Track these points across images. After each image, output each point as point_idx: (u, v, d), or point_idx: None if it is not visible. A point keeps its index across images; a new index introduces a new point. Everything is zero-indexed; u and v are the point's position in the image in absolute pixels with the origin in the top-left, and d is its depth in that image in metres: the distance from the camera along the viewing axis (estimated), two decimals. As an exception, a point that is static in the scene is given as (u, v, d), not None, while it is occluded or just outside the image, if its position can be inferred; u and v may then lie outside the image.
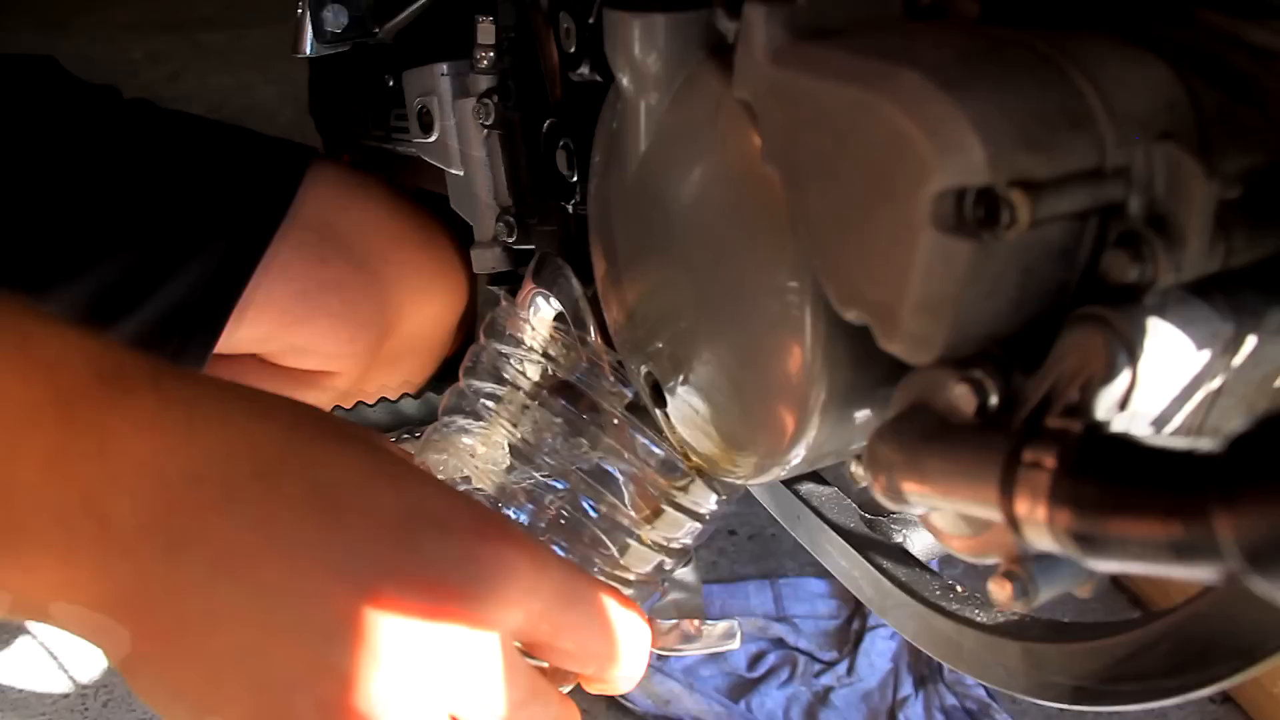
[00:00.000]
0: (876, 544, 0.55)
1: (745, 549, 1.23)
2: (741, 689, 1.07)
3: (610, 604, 0.45)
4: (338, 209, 0.84)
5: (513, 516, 0.55)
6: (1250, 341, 0.38)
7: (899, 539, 0.55)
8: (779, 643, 1.12)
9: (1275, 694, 1.04)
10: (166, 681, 0.39)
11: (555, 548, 0.54)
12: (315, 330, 0.83)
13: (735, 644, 0.52)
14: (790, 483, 0.59)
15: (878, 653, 1.11)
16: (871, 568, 0.54)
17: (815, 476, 0.59)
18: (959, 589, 0.52)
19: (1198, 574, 0.31)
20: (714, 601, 1.14)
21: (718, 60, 0.44)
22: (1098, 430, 0.34)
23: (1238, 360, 0.38)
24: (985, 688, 1.09)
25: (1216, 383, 0.38)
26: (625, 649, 0.45)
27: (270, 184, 0.81)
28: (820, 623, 1.14)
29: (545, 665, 0.45)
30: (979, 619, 0.49)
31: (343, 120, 0.90)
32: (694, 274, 0.47)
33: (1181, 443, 0.34)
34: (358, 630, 0.38)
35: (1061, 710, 0.46)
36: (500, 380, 0.58)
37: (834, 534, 0.56)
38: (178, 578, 0.38)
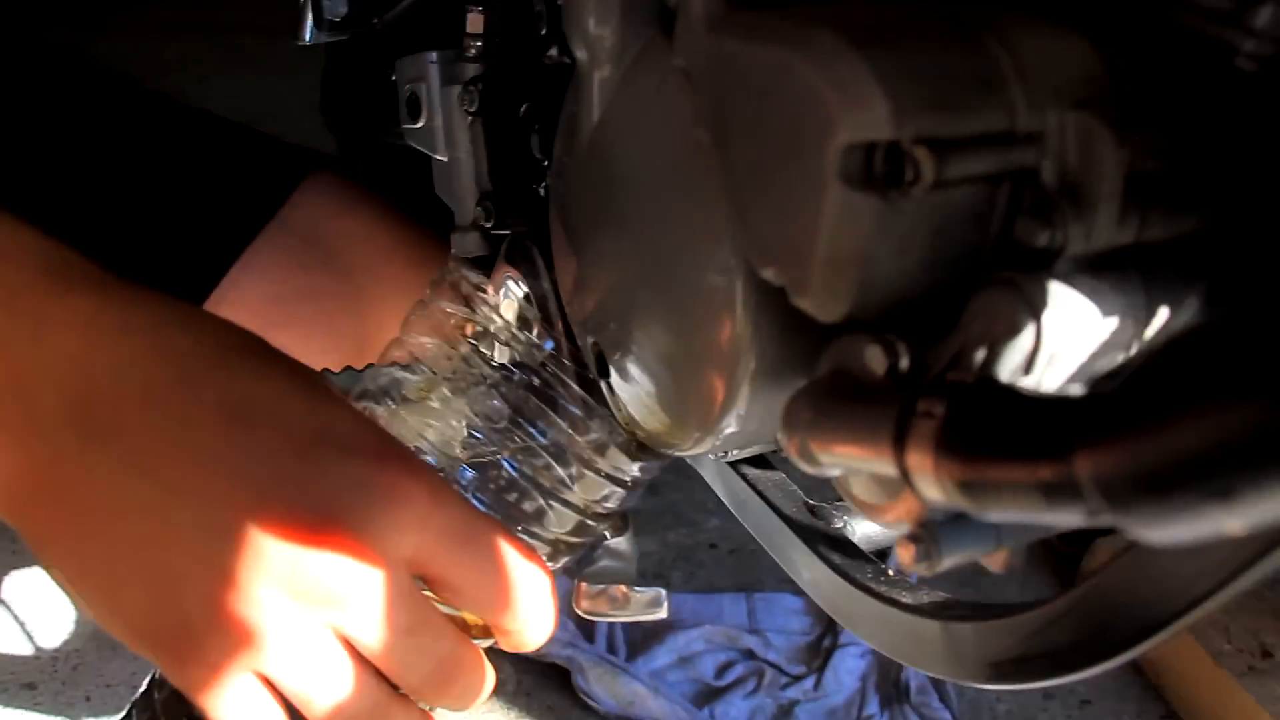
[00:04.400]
0: (817, 530, 0.55)
1: (725, 563, 1.23)
2: (707, 696, 1.07)
3: (509, 550, 0.45)
4: (328, 218, 0.84)
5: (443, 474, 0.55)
6: (1162, 315, 0.38)
7: (839, 525, 0.55)
8: (748, 654, 1.12)
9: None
10: (72, 562, 0.41)
11: (475, 501, 0.54)
12: (288, 338, 0.84)
13: (662, 613, 0.52)
14: (738, 466, 0.59)
15: (846, 670, 1.10)
16: (810, 551, 0.54)
17: (763, 461, 0.60)
18: (890, 573, 0.52)
19: (1066, 518, 0.31)
20: (687, 612, 1.14)
21: (666, 34, 0.45)
22: (990, 383, 0.35)
23: (1149, 334, 0.38)
24: (950, 710, 1.08)
25: (1123, 356, 0.38)
26: (524, 596, 0.45)
27: (261, 184, 0.82)
28: (791, 637, 1.14)
29: (456, 614, 0.46)
30: (904, 600, 0.49)
31: (355, 116, 0.92)
32: (637, 246, 0.48)
33: (1063, 393, 0.35)
34: (250, 536, 0.39)
35: None
36: (446, 347, 0.59)
37: (777, 518, 0.56)
38: (91, 466, 0.40)
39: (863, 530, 0.55)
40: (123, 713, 0.56)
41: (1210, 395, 0.26)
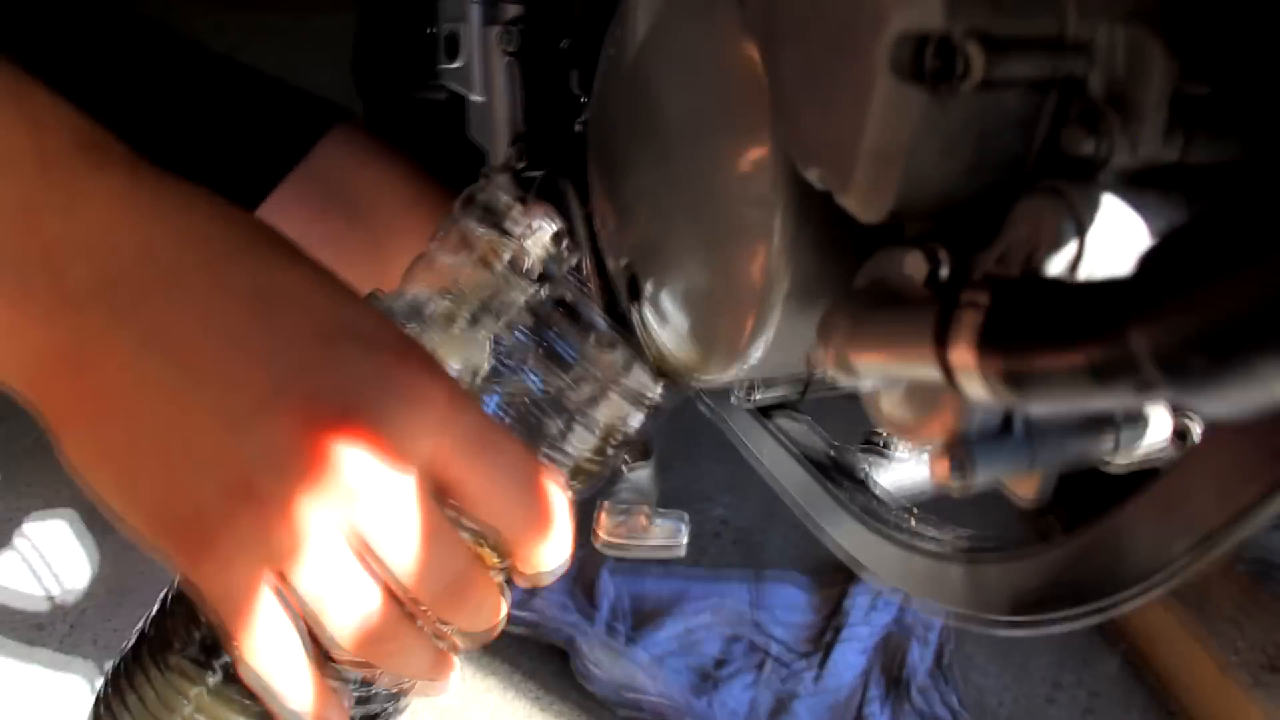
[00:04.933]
0: (840, 477, 0.55)
1: (730, 547, 1.23)
2: (706, 685, 1.07)
3: (529, 461, 0.44)
4: (350, 168, 0.84)
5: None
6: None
7: (862, 473, 0.55)
8: (750, 642, 1.11)
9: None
10: (90, 444, 0.40)
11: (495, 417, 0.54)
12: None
13: (681, 548, 0.52)
14: (762, 413, 0.59)
15: (847, 664, 1.10)
16: (832, 499, 0.54)
17: (785, 411, 0.59)
18: (913, 520, 0.52)
19: (1118, 399, 0.31)
20: (692, 592, 1.14)
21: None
22: (1033, 276, 0.35)
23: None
24: (950, 706, 1.08)
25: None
26: (542, 510, 0.44)
27: (287, 130, 0.82)
28: (795, 625, 1.13)
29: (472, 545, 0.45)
30: (927, 547, 0.49)
31: (387, 72, 0.93)
32: (676, 169, 0.48)
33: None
34: (267, 424, 0.39)
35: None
36: (485, 267, 0.58)
37: (798, 466, 0.56)
38: (114, 342, 0.39)
39: (886, 478, 0.55)
40: (130, 640, 0.55)
41: (1255, 257, 0.26)
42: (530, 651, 1.13)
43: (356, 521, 0.41)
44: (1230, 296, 0.27)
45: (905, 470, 0.55)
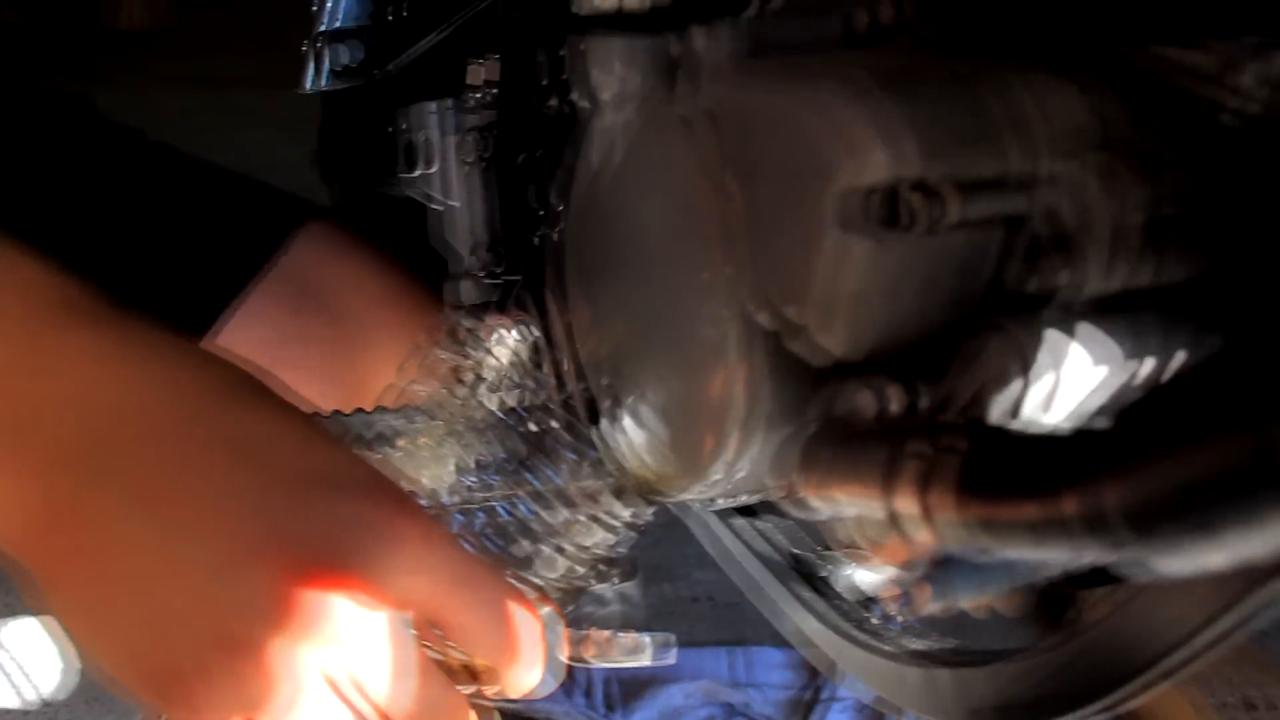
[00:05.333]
0: (802, 579, 0.56)
1: (710, 617, 1.23)
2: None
3: (501, 592, 0.45)
4: (322, 265, 0.84)
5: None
6: (1151, 362, 0.38)
7: (824, 573, 0.55)
8: (733, 710, 1.10)
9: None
10: (69, 599, 0.41)
11: (465, 546, 0.54)
12: (282, 383, 0.84)
13: (670, 655, 0.52)
14: (724, 515, 0.59)
15: (833, 727, 1.10)
16: (795, 599, 0.54)
17: (748, 511, 0.60)
18: (874, 620, 0.52)
19: (1062, 555, 0.31)
20: (672, 666, 1.13)
21: (670, 83, 0.46)
22: (976, 425, 0.35)
23: (1140, 378, 0.39)
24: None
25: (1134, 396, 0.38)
26: (514, 639, 0.45)
27: (257, 230, 0.83)
28: (777, 693, 1.13)
29: (443, 660, 0.46)
30: (886, 648, 0.50)
31: (352, 166, 0.93)
32: (634, 293, 0.49)
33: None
34: (246, 575, 0.40)
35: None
36: (444, 393, 0.59)
37: (762, 566, 0.56)
38: (97, 501, 0.40)
39: (846, 579, 0.55)
40: None
41: (1191, 433, 0.27)
42: (510, 724, 1.12)
43: (337, 664, 0.41)
44: (1161, 470, 0.27)
45: (867, 572, 0.55)
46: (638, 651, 0.52)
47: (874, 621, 0.53)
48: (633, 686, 1.12)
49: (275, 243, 0.82)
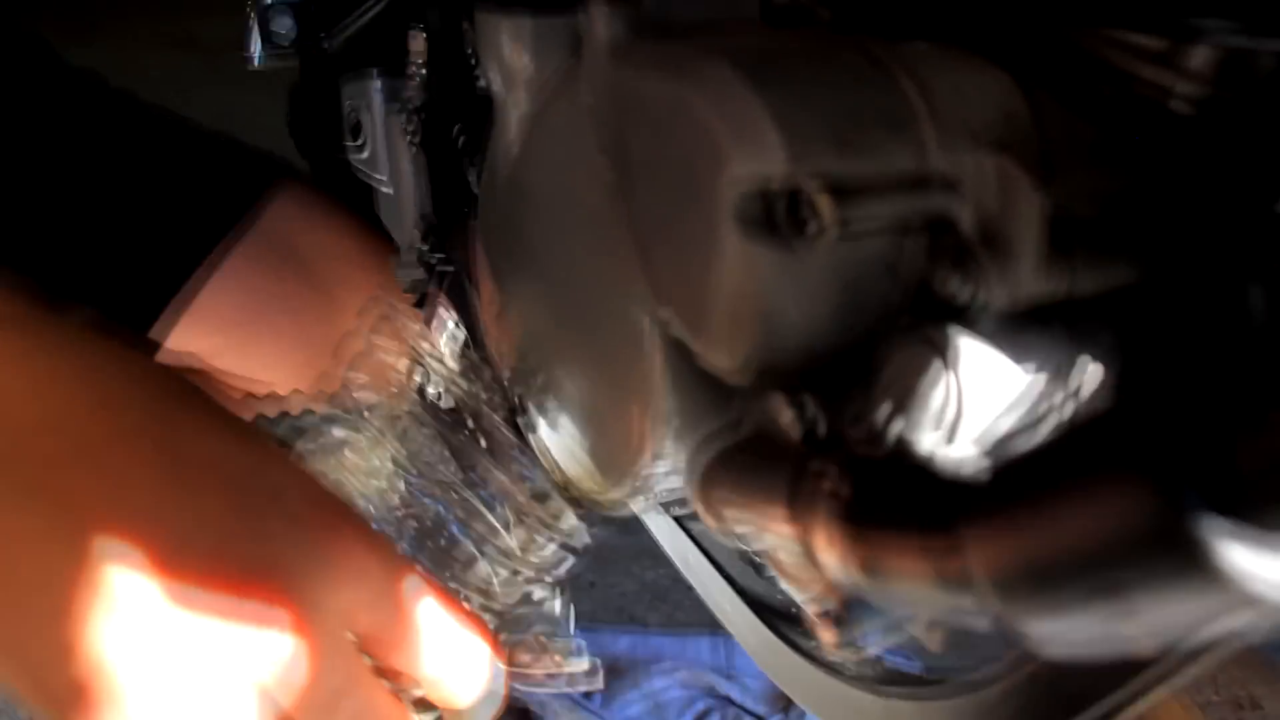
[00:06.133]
0: (758, 589, 0.53)
1: (690, 600, 1.21)
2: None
3: (445, 607, 0.44)
4: (300, 228, 0.82)
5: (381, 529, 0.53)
6: (1091, 371, 0.35)
7: (779, 594, 0.52)
8: (722, 699, 1.09)
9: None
10: None
11: (407, 548, 0.52)
12: (266, 351, 0.82)
13: (593, 670, 0.50)
14: (681, 519, 0.56)
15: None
16: (749, 610, 0.51)
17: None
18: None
19: (962, 606, 0.28)
20: (661, 653, 1.12)
21: (577, 64, 0.43)
22: (879, 446, 0.32)
23: (1073, 386, 0.35)
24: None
25: (1047, 407, 0.35)
26: (460, 653, 0.44)
27: (229, 189, 0.80)
28: (765, 681, 1.11)
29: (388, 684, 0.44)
30: (846, 670, 0.47)
31: (318, 137, 0.90)
32: (552, 285, 0.46)
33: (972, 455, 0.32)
34: (180, 597, 0.37)
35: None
36: (384, 389, 0.56)
37: (718, 575, 0.54)
38: (16, 527, 0.37)
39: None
40: None
41: (1085, 483, 0.23)
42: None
43: (273, 685, 0.39)
44: (1053, 521, 0.24)
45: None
46: (578, 654, 0.50)
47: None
48: (623, 674, 1.11)
49: (250, 200, 0.80)
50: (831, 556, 0.32)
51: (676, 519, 0.57)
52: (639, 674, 1.10)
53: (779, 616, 0.51)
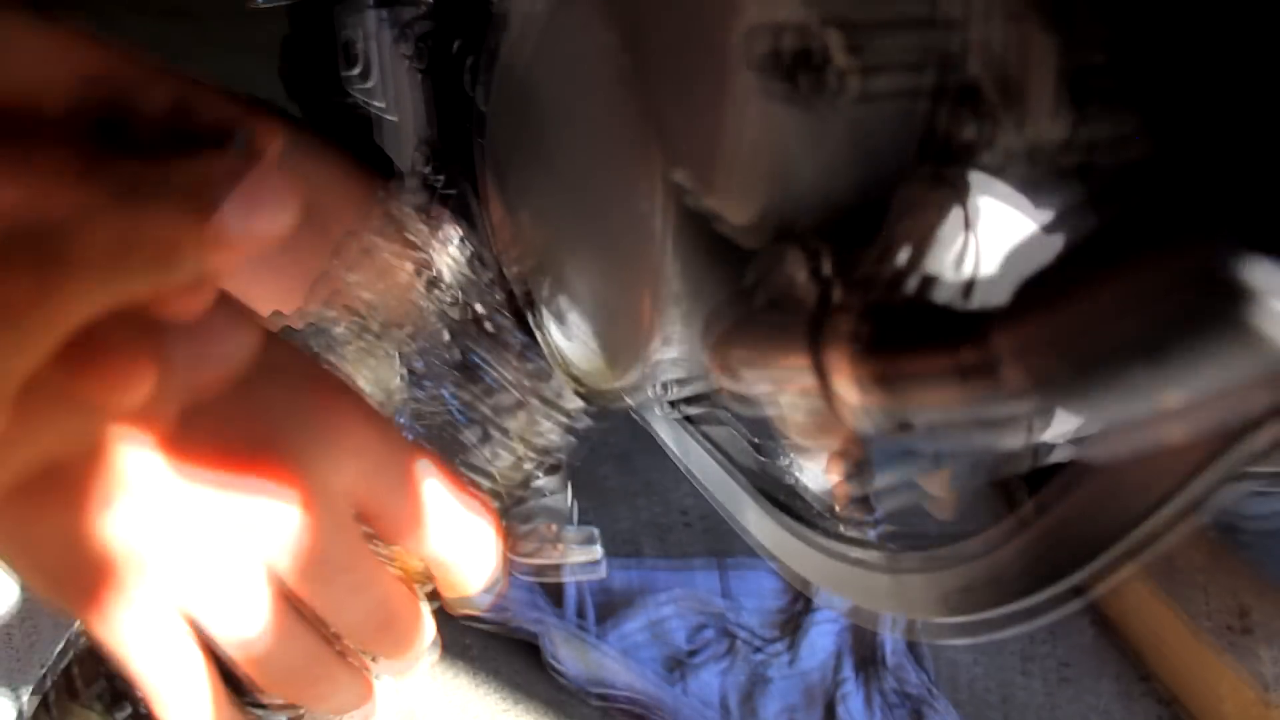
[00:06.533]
0: (766, 483, 0.53)
1: (697, 534, 1.22)
2: (679, 668, 1.05)
3: (450, 484, 0.43)
4: (299, 170, 0.83)
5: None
6: (1101, 214, 0.35)
7: (789, 480, 0.53)
8: (720, 620, 1.09)
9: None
10: None
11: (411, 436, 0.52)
12: (267, 290, 0.82)
13: (598, 560, 0.50)
14: (687, 419, 0.57)
15: (818, 645, 1.08)
16: (757, 504, 0.52)
17: (713, 416, 0.57)
18: (841, 526, 0.50)
19: (990, 408, 0.29)
20: (659, 581, 1.12)
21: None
22: (898, 292, 0.32)
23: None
24: (923, 684, 1.06)
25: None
26: (464, 532, 0.43)
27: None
28: (765, 604, 1.12)
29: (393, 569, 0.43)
30: (852, 554, 0.47)
31: (312, 78, 0.90)
32: (562, 182, 0.46)
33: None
34: (176, 463, 0.37)
35: (1002, 698, 0.43)
36: (389, 287, 0.57)
37: (725, 473, 0.54)
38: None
39: (812, 482, 0.52)
40: (37, 686, 0.53)
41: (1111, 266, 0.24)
42: (499, 645, 1.12)
43: (273, 558, 0.39)
44: (1092, 296, 0.24)
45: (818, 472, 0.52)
46: (590, 542, 0.50)
47: (840, 526, 0.50)
48: (620, 603, 1.11)
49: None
50: (852, 392, 0.32)
51: (687, 425, 0.57)
52: (637, 602, 1.11)
53: (789, 508, 0.52)
